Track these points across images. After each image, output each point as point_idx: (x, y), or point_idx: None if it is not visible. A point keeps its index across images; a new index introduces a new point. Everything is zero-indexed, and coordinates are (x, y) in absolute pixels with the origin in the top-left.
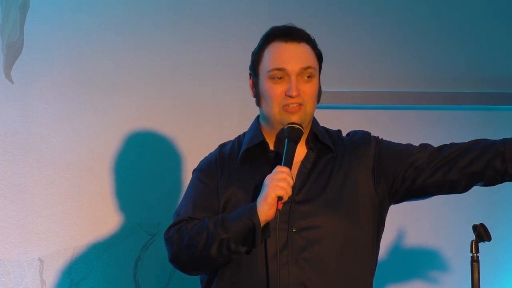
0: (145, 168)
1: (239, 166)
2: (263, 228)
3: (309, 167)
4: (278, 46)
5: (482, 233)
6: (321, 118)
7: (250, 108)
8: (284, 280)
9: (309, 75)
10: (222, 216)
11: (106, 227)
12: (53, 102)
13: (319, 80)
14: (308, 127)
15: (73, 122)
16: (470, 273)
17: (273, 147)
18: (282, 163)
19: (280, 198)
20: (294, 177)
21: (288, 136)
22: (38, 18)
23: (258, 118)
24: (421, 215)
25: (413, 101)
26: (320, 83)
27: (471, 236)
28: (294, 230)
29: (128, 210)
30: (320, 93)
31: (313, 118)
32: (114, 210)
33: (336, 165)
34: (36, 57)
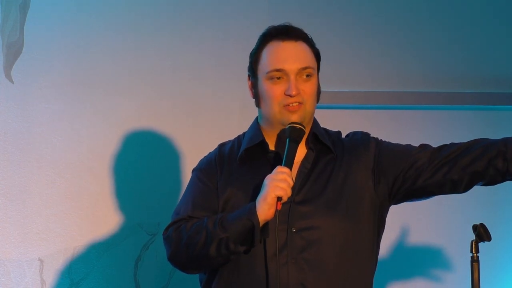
0: (145, 168)
1: (239, 166)
2: (262, 228)
3: (309, 168)
4: (275, 46)
5: (482, 233)
6: (321, 118)
7: (250, 108)
8: (283, 280)
9: (307, 74)
10: (221, 215)
11: (106, 227)
12: (53, 102)
13: (318, 78)
14: (308, 127)
15: (73, 122)
16: (470, 273)
17: (273, 147)
18: (283, 163)
19: (279, 199)
20: (293, 177)
21: (289, 136)
22: (38, 18)
23: (257, 118)
24: (421, 215)
25: (413, 101)
26: (319, 82)
27: (471, 236)
28: (293, 230)
29: (128, 210)
30: (319, 91)
31: (313, 119)
32: (114, 210)
33: (335, 165)
34: (36, 57)
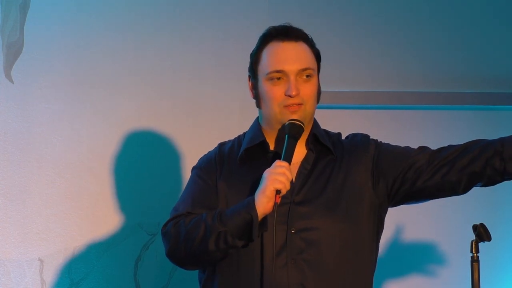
0: (145, 168)
1: (239, 166)
2: (261, 222)
3: (308, 168)
4: (275, 46)
5: (482, 233)
6: (321, 118)
7: (250, 108)
8: (283, 281)
9: (307, 75)
10: (220, 210)
11: (106, 227)
12: (53, 102)
13: (318, 79)
14: (308, 128)
15: (73, 122)
16: (470, 273)
17: (273, 148)
18: (282, 158)
19: (278, 192)
20: (293, 177)
21: (288, 132)
22: (38, 18)
23: (258, 119)
24: (421, 215)
25: (413, 101)
26: (319, 82)
27: (471, 236)
28: (292, 231)
29: (128, 210)
30: (319, 92)
31: (313, 120)
32: (114, 210)
33: (335, 167)
34: (36, 57)
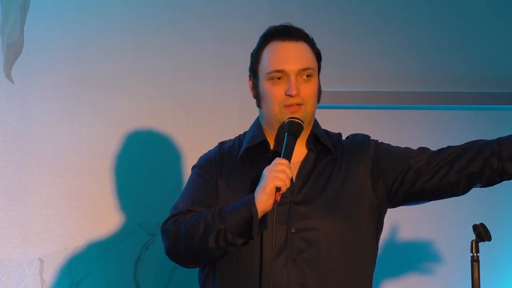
0: (145, 168)
1: (239, 165)
2: (260, 219)
3: (309, 168)
4: (276, 46)
5: (482, 233)
6: (321, 118)
7: (250, 108)
8: (283, 281)
9: (308, 75)
10: (220, 207)
11: (106, 227)
12: (53, 102)
13: (319, 79)
14: (309, 128)
15: (73, 122)
16: (470, 273)
17: (273, 147)
18: (282, 156)
19: (278, 189)
20: (293, 177)
21: (288, 130)
22: (38, 18)
23: (259, 118)
24: (421, 215)
25: (413, 101)
26: (319, 82)
27: (471, 236)
28: (293, 230)
29: (128, 210)
30: (320, 92)
31: (314, 120)
32: (114, 210)
33: (335, 167)
34: (36, 57)
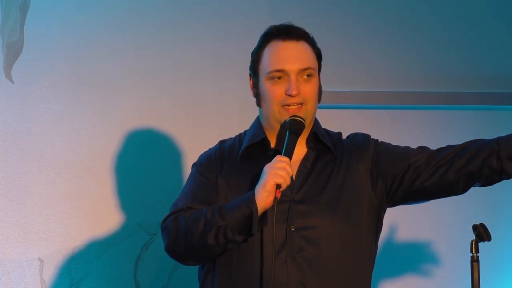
0: (145, 167)
1: (239, 164)
2: (260, 217)
3: (309, 167)
4: (276, 45)
5: (482, 233)
6: (321, 118)
7: (250, 108)
8: (283, 279)
9: (308, 74)
10: (220, 204)
11: (106, 227)
12: (53, 102)
13: (319, 78)
14: (309, 127)
15: (73, 122)
16: (470, 273)
17: (273, 146)
18: (282, 153)
19: (278, 186)
20: (293, 176)
21: (289, 128)
22: (38, 18)
23: (259, 117)
24: (421, 215)
25: (413, 101)
26: (320, 82)
27: (471, 236)
28: (292, 229)
29: (128, 209)
30: (320, 92)
31: (314, 119)
32: (114, 210)
33: (335, 166)
34: (36, 57)
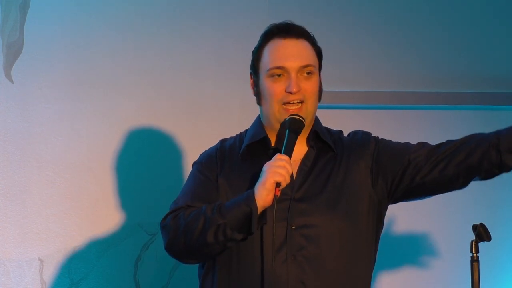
0: (145, 167)
1: (240, 163)
2: (260, 215)
3: (309, 165)
4: (277, 43)
5: (482, 233)
6: (321, 118)
7: (249, 107)
8: (283, 277)
9: (308, 72)
10: (220, 202)
11: (106, 227)
12: (53, 102)
13: (320, 77)
14: (310, 125)
15: (73, 122)
16: (470, 273)
17: (274, 145)
18: (282, 152)
19: (278, 185)
20: (294, 174)
21: (289, 127)
22: (38, 18)
23: (260, 116)
24: (421, 215)
25: (413, 101)
26: (320, 80)
27: (471, 236)
28: (293, 227)
29: (128, 209)
30: (321, 90)
31: (315, 117)
32: (114, 210)
33: (336, 164)
34: (36, 57)
